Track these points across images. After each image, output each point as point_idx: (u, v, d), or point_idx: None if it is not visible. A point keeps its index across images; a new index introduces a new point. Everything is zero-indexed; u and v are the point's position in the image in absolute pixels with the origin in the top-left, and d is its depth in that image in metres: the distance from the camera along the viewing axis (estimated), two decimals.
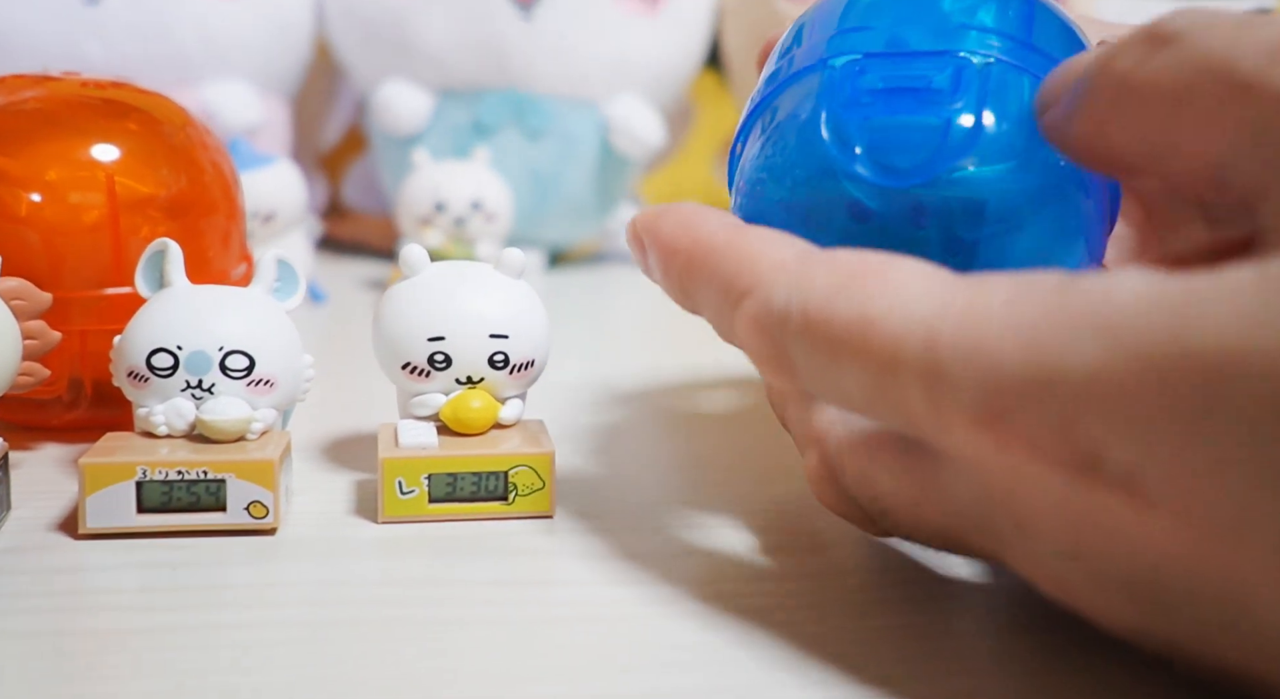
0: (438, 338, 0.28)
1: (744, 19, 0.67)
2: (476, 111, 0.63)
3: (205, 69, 0.60)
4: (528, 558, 0.25)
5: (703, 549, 0.26)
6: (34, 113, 0.30)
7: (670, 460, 0.32)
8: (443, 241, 0.56)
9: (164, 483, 0.25)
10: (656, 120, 0.65)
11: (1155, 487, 0.16)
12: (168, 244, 0.28)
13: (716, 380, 0.44)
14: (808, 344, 0.19)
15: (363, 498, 0.28)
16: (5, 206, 0.29)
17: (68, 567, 0.24)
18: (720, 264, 0.21)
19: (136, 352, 0.26)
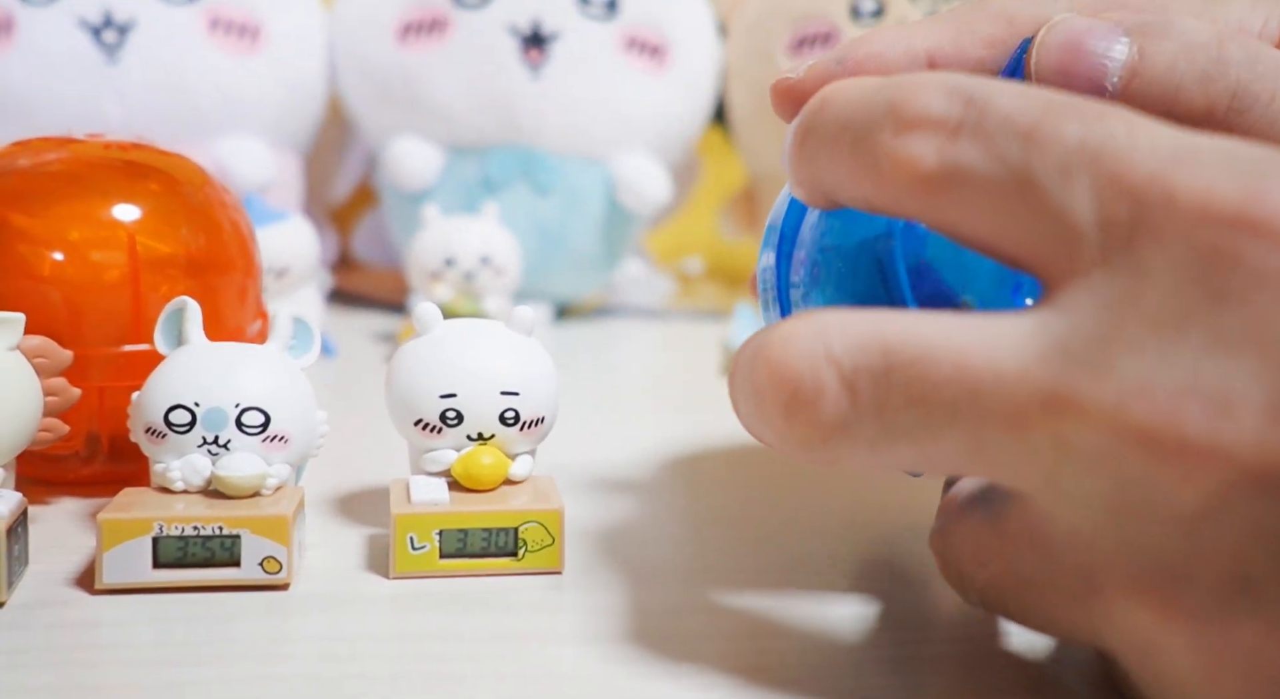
0: (449, 395, 0.28)
1: (749, 77, 0.69)
2: (485, 168, 0.64)
3: (220, 126, 0.61)
4: (536, 614, 0.26)
5: (710, 606, 0.26)
6: (58, 174, 0.31)
7: (678, 516, 0.33)
8: (452, 296, 0.57)
9: (180, 538, 0.26)
10: (663, 177, 0.66)
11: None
12: (186, 302, 0.28)
13: (724, 435, 0.44)
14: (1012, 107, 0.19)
15: (374, 553, 0.29)
16: (29, 266, 0.30)
17: (83, 621, 0.24)
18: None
19: (154, 408, 0.27)
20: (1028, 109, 0.19)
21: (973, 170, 0.19)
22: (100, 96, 0.59)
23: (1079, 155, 0.18)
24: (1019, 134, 0.19)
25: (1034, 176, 0.19)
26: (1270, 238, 0.17)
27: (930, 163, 0.20)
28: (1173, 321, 0.17)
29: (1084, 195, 0.18)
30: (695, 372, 0.56)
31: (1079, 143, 0.18)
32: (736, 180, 0.77)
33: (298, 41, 0.64)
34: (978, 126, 0.19)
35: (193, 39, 0.60)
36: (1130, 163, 0.18)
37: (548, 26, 0.63)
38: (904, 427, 0.20)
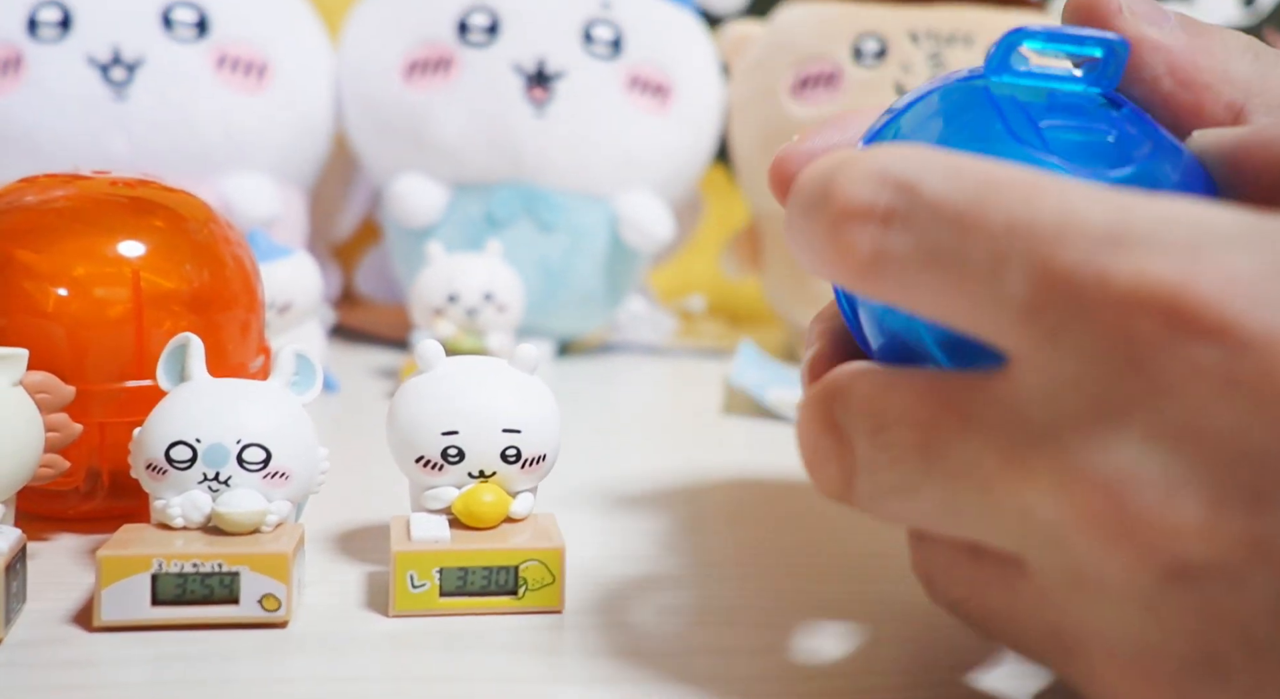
0: (451, 432, 0.28)
1: (752, 116, 0.69)
2: (489, 205, 0.65)
3: (227, 162, 0.62)
4: (536, 655, 0.25)
5: (710, 647, 0.26)
6: (63, 211, 0.31)
7: (680, 556, 0.32)
8: (455, 332, 0.57)
9: (179, 575, 0.25)
10: (666, 215, 0.66)
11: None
12: (189, 338, 0.28)
13: (725, 472, 0.44)
14: (941, 198, 0.19)
15: (374, 590, 0.29)
16: (33, 301, 0.30)
17: (80, 660, 0.24)
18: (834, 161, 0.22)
19: (156, 444, 0.27)
20: (958, 192, 0.19)
21: (906, 258, 0.19)
22: (108, 133, 0.59)
23: (1008, 241, 0.18)
24: (949, 221, 0.19)
25: (966, 264, 0.19)
26: (1202, 331, 0.17)
27: (864, 252, 0.20)
28: (1114, 409, 0.17)
29: (1017, 282, 0.18)
30: (697, 409, 0.56)
31: (1007, 228, 0.18)
32: (739, 219, 0.77)
33: (305, 79, 0.65)
34: (908, 215, 0.19)
35: (200, 76, 0.60)
36: (1060, 248, 0.18)
37: (552, 65, 0.64)
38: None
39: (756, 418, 0.53)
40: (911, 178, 0.19)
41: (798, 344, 0.71)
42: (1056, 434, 0.18)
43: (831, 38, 0.66)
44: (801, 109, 0.66)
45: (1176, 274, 0.17)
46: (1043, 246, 0.18)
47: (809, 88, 0.66)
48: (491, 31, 0.64)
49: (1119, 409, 0.17)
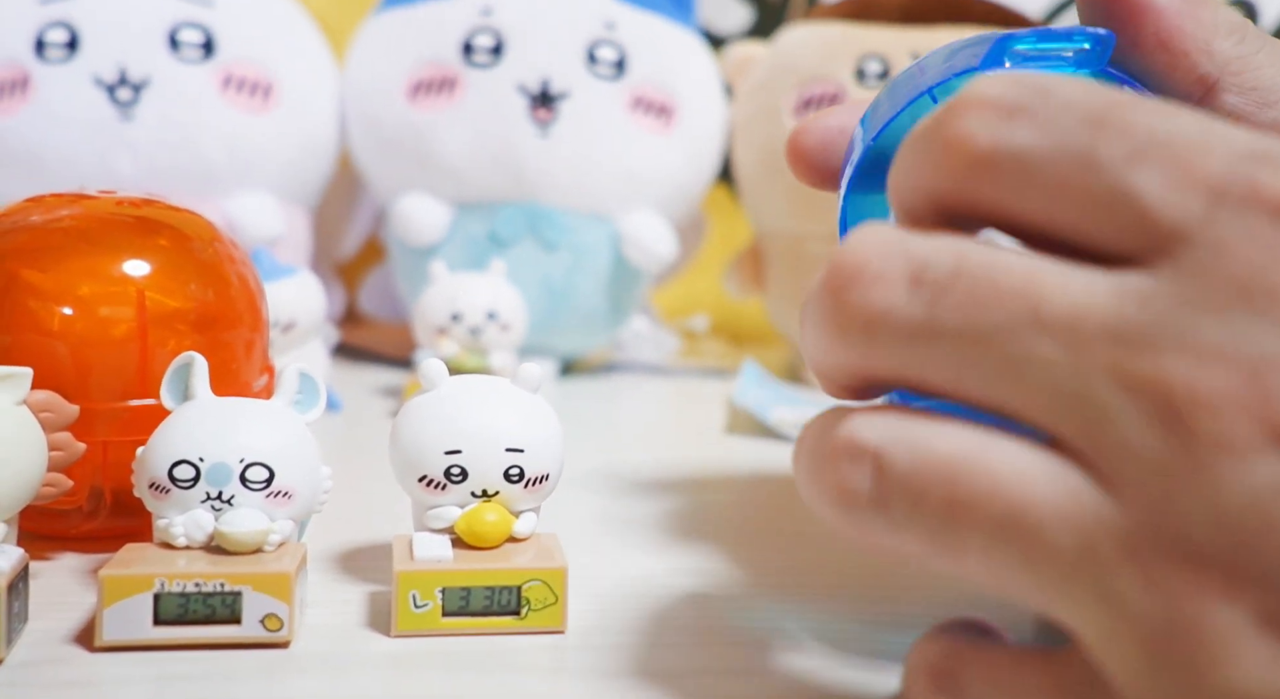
0: (454, 451, 0.28)
1: (755, 136, 0.69)
2: (493, 224, 0.65)
3: (232, 182, 0.62)
4: (538, 676, 0.25)
5: (714, 668, 0.26)
6: (69, 230, 0.32)
7: (684, 576, 0.32)
8: (458, 351, 0.57)
9: (181, 595, 0.25)
10: (669, 234, 0.66)
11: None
12: (193, 357, 0.28)
13: (728, 492, 0.44)
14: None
15: (376, 610, 0.28)
16: (38, 320, 0.30)
17: (81, 680, 0.24)
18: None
19: (159, 463, 0.27)
20: (1095, 98, 0.19)
21: (1029, 150, 0.19)
22: (113, 153, 0.59)
23: (1149, 143, 0.18)
24: (1084, 119, 0.18)
25: (1098, 160, 0.18)
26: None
27: (981, 141, 0.19)
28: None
29: (1153, 182, 0.18)
30: (700, 429, 0.56)
31: (1148, 132, 0.18)
32: (742, 238, 0.78)
33: (310, 99, 0.65)
34: (1038, 111, 0.19)
35: (206, 97, 0.61)
36: (1205, 156, 0.18)
37: (556, 86, 0.64)
38: (950, 330, 0.19)
39: (760, 438, 0.53)
40: (1045, 82, 0.19)
41: (801, 364, 0.71)
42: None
43: (834, 59, 0.66)
44: None
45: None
46: (1187, 153, 0.18)
47: (812, 108, 0.66)
48: (496, 52, 0.65)
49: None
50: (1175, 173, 0.18)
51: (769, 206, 0.70)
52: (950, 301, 0.19)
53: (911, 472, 0.19)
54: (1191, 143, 0.18)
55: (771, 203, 0.69)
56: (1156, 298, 0.17)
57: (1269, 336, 0.17)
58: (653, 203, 0.67)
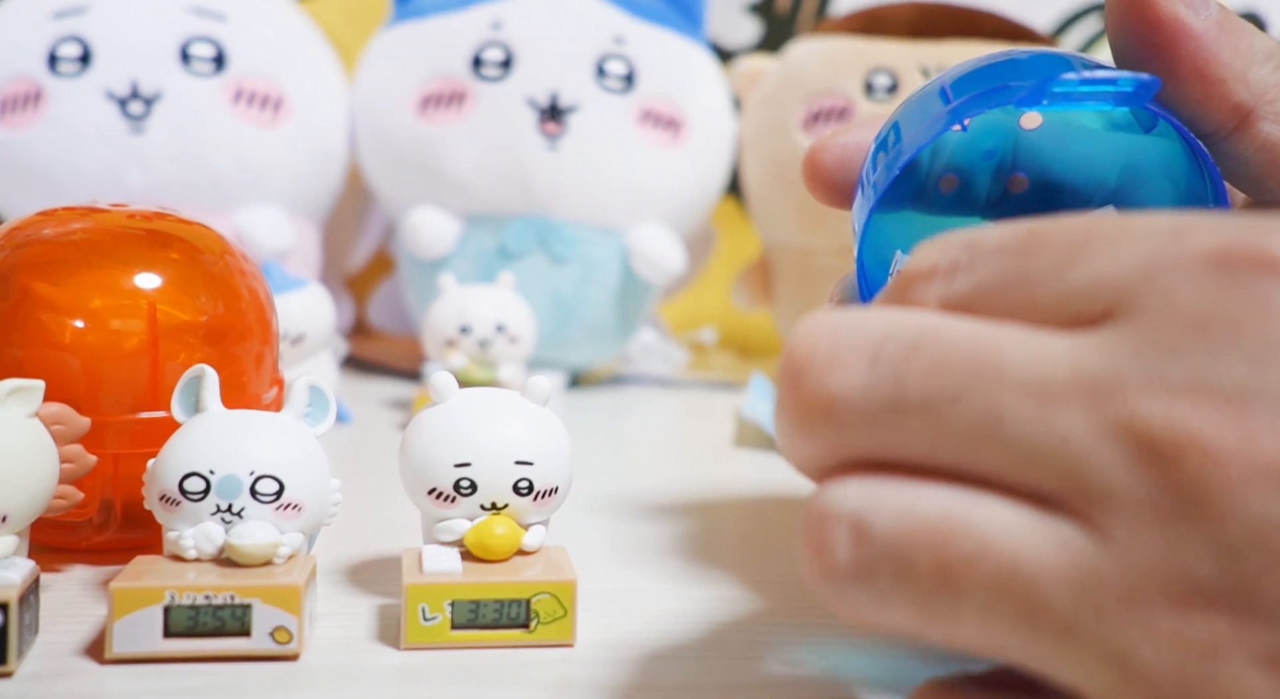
0: (464, 464, 0.28)
1: (763, 149, 0.69)
2: (502, 237, 0.65)
3: (242, 195, 0.62)
4: (547, 689, 0.25)
5: (723, 683, 0.26)
6: (80, 243, 0.32)
7: (693, 589, 0.32)
8: (466, 364, 0.57)
9: (191, 607, 0.25)
10: (678, 247, 0.66)
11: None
12: (204, 370, 0.29)
13: (737, 505, 0.44)
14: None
15: (385, 623, 0.28)
16: (49, 333, 0.30)
17: (91, 693, 0.24)
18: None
19: (170, 475, 0.27)
20: (1015, 231, 0.19)
21: (970, 298, 0.19)
22: (125, 167, 0.60)
23: (1077, 243, 0.19)
24: (1010, 252, 0.19)
25: (1031, 278, 0.19)
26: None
27: (931, 299, 0.20)
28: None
29: (1089, 271, 0.18)
30: (709, 442, 0.56)
31: (1074, 233, 0.19)
32: (750, 252, 0.78)
33: (320, 113, 0.65)
34: (970, 261, 0.20)
35: (217, 110, 0.61)
36: (1136, 239, 0.18)
37: (566, 99, 0.65)
38: (915, 400, 0.18)
39: (767, 451, 0.53)
40: (970, 236, 0.20)
41: None
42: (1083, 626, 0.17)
43: (843, 72, 0.66)
44: (811, 141, 0.66)
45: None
46: (1118, 235, 0.18)
47: (820, 121, 0.66)
48: (505, 66, 0.65)
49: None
50: (1110, 255, 0.18)
51: (777, 220, 0.70)
52: (914, 372, 0.19)
53: (896, 536, 0.18)
54: (1120, 231, 0.18)
55: (780, 216, 0.69)
56: (1117, 346, 0.17)
57: (1237, 365, 0.17)
58: (661, 216, 0.67)
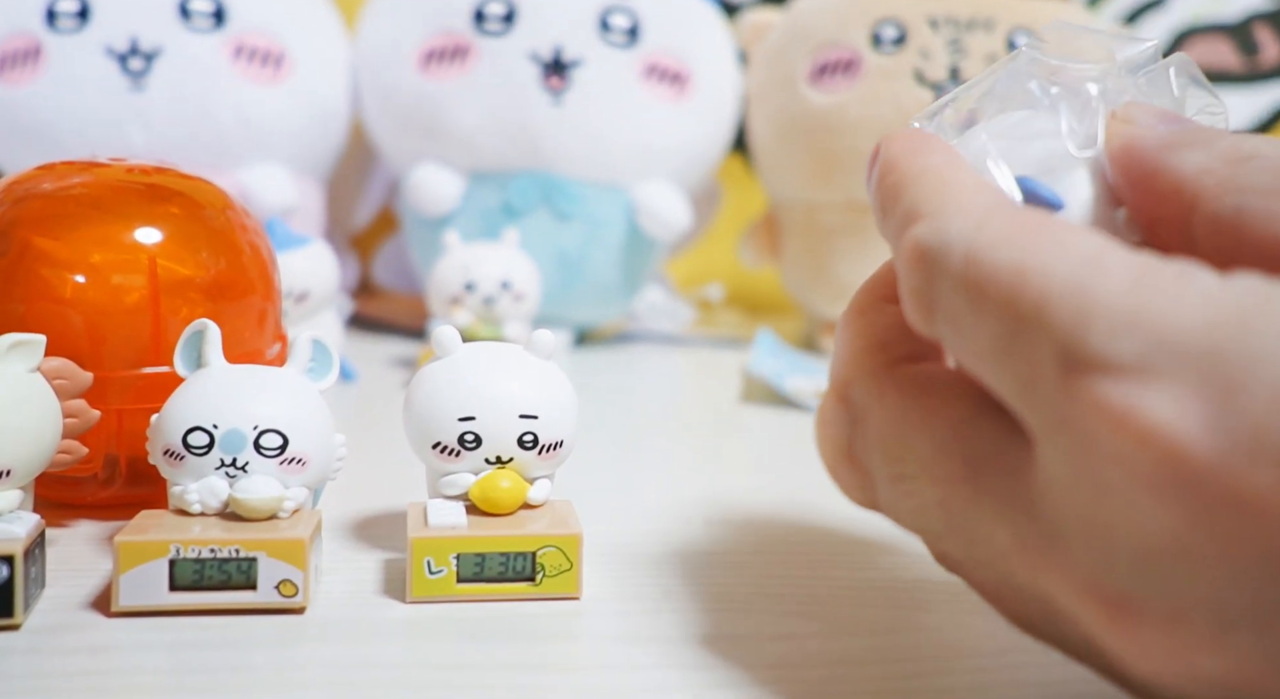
0: (468, 418, 0.28)
1: (770, 105, 0.69)
2: (506, 194, 0.64)
3: (244, 152, 0.62)
4: (553, 641, 0.25)
5: (727, 634, 0.26)
6: (80, 198, 0.31)
7: (697, 543, 0.32)
8: (471, 321, 0.57)
9: (196, 561, 0.25)
10: (683, 204, 0.66)
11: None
12: (206, 324, 0.28)
13: (743, 460, 0.44)
14: (958, 283, 0.19)
15: (391, 577, 0.28)
16: (50, 288, 0.30)
17: (98, 646, 0.24)
18: (919, 187, 0.21)
19: (173, 430, 0.27)
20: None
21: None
22: (125, 124, 0.59)
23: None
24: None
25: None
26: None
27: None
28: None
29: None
30: (715, 398, 0.56)
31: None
32: (757, 208, 0.77)
33: (321, 69, 0.65)
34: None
35: (217, 66, 0.60)
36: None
37: (569, 54, 0.64)
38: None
39: (774, 406, 0.52)
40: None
41: (816, 333, 0.71)
42: (1062, 535, 0.18)
43: (850, 24, 0.65)
44: (820, 96, 0.65)
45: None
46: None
47: (827, 75, 0.66)
48: (508, 20, 0.64)
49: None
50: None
51: (784, 175, 0.69)
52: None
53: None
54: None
55: (787, 171, 0.69)
56: (1032, 499, 0.19)
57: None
58: (667, 172, 0.67)
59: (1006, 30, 0.62)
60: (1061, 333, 0.17)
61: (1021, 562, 0.19)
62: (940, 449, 0.21)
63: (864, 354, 0.23)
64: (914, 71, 0.63)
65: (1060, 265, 0.18)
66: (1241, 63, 0.87)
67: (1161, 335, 0.17)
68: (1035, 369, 0.18)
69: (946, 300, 0.19)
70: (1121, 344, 0.17)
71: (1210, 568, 0.16)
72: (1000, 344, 0.18)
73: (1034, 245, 0.18)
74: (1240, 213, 0.20)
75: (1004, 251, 0.19)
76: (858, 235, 0.65)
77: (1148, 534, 0.17)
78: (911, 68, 0.63)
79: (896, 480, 0.22)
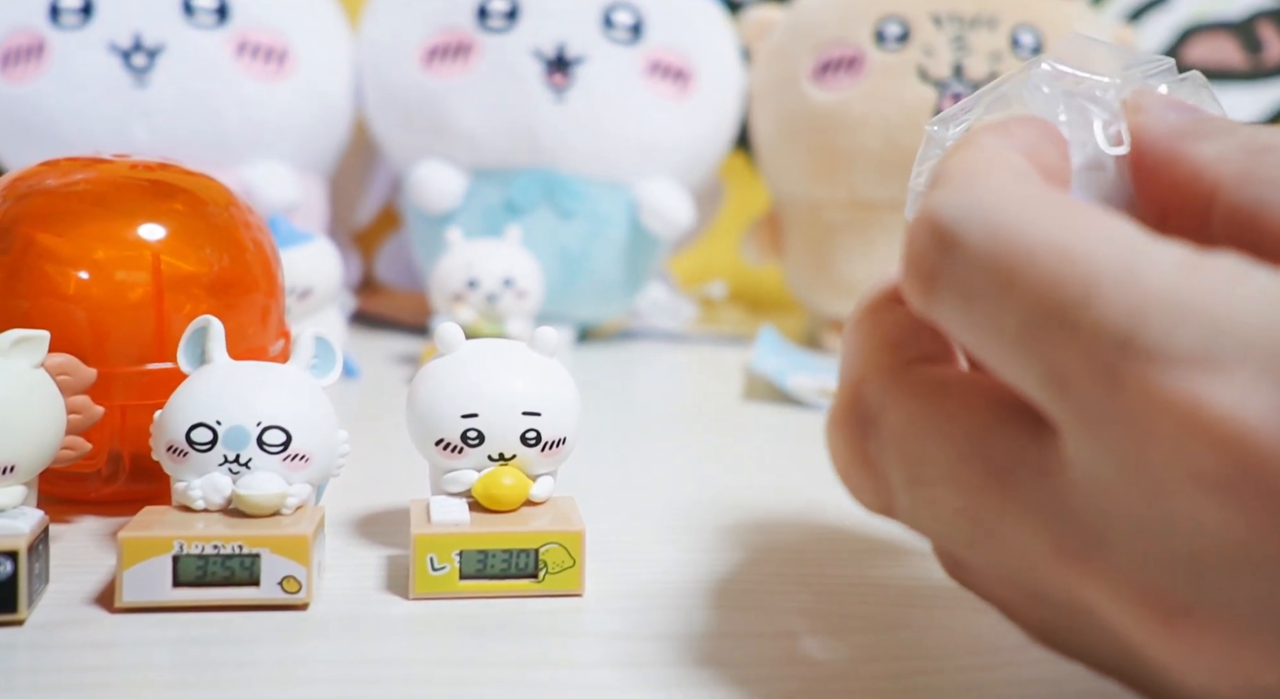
0: (471, 415, 0.28)
1: (772, 102, 0.69)
2: (509, 191, 0.64)
3: (247, 149, 0.62)
4: (556, 638, 0.25)
5: (730, 631, 0.26)
6: (84, 194, 0.31)
7: (700, 540, 0.32)
8: (474, 318, 0.57)
9: (199, 557, 0.25)
10: (686, 201, 0.66)
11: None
12: (210, 321, 0.28)
13: (745, 458, 0.44)
14: (979, 260, 0.18)
15: (394, 574, 0.28)
16: (54, 284, 0.30)
17: (101, 642, 0.24)
18: (955, 158, 0.20)
19: (177, 426, 0.27)
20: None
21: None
22: (129, 120, 0.59)
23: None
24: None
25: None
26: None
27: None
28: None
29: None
30: (717, 395, 0.56)
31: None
32: (759, 205, 0.77)
33: (324, 65, 0.65)
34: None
35: (221, 63, 0.60)
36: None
37: (572, 50, 0.64)
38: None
39: (777, 404, 0.52)
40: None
41: (819, 330, 0.71)
42: (1107, 538, 0.17)
43: (853, 21, 0.65)
44: (823, 94, 0.65)
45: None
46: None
47: (830, 72, 0.66)
48: (511, 17, 0.64)
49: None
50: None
51: (787, 173, 0.69)
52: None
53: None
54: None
55: (789, 169, 0.69)
56: (1068, 499, 0.18)
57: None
58: (670, 169, 0.67)
59: (1010, 27, 0.62)
60: (1111, 322, 0.16)
61: (1057, 569, 0.18)
62: (961, 456, 0.19)
63: (876, 353, 0.22)
64: (918, 69, 0.63)
65: (1108, 250, 0.17)
66: (1245, 61, 0.87)
67: (1222, 325, 0.16)
68: (1071, 360, 0.17)
69: (961, 278, 0.18)
70: (1182, 334, 0.16)
71: (1272, 572, 0.16)
72: (1030, 331, 0.17)
73: (1078, 226, 0.17)
74: (1261, 204, 0.20)
75: (1042, 228, 0.17)
76: (861, 233, 0.65)
77: (1210, 536, 0.16)
78: (915, 65, 0.63)
79: (915, 486, 0.20)
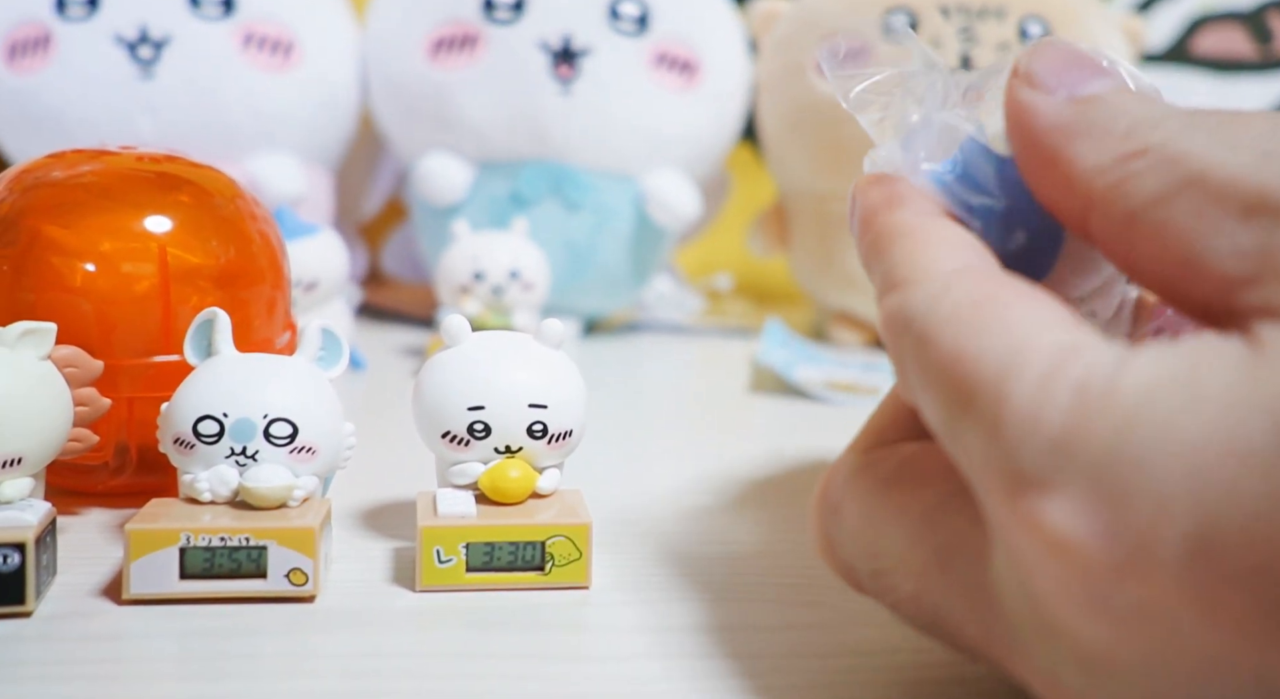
0: (477, 407, 0.28)
1: (779, 94, 0.68)
2: (515, 183, 0.64)
3: (253, 141, 0.62)
4: (562, 631, 0.25)
5: (736, 624, 0.26)
6: (90, 186, 0.31)
7: (706, 532, 0.32)
8: (480, 310, 0.57)
9: (206, 549, 0.25)
10: (693, 193, 0.66)
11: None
12: (216, 313, 0.28)
13: (751, 450, 0.44)
14: (914, 361, 0.19)
15: (400, 566, 0.28)
16: (60, 277, 0.30)
17: (109, 633, 0.24)
18: (895, 250, 0.21)
19: (183, 418, 0.27)
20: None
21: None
22: (134, 113, 0.59)
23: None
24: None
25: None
26: None
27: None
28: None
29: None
30: (724, 388, 0.55)
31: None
32: (766, 197, 0.77)
33: (330, 58, 0.65)
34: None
35: (227, 55, 0.60)
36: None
37: (578, 42, 0.64)
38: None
39: (783, 396, 0.52)
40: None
41: (825, 322, 0.71)
42: (1020, 634, 0.18)
43: (860, 12, 0.65)
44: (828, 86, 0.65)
45: None
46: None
47: None
48: (517, 9, 0.64)
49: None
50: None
51: (793, 165, 0.69)
52: None
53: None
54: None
55: (796, 161, 0.69)
56: (1002, 602, 0.18)
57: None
58: (676, 161, 0.66)
59: (1018, 18, 0.62)
60: (982, 431, 0.17)
61: (990, 655, 0.19)
62: (912, 540, 0.20)
63: (850, 448, 0.23)
64: (925, 61, 0.63)
65: (990, 354, 0.17)
66: (1255, 51, 0.87)
67: (1057, 441, 0.16)
68: (970, 465, 0.17)
69: (910, 375, 0.19)
70: (1025, 450, 0.16)
71: (1147, 679, 0.16)
72: (946, 430, 0.18)
73: (975, 326, 0.18)
74: (1131, 223, 0.18)
75: (948, 331, 0.18)
76: None
77: (1081, 643, 0.16)
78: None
79: (875, 576, 0.21)
